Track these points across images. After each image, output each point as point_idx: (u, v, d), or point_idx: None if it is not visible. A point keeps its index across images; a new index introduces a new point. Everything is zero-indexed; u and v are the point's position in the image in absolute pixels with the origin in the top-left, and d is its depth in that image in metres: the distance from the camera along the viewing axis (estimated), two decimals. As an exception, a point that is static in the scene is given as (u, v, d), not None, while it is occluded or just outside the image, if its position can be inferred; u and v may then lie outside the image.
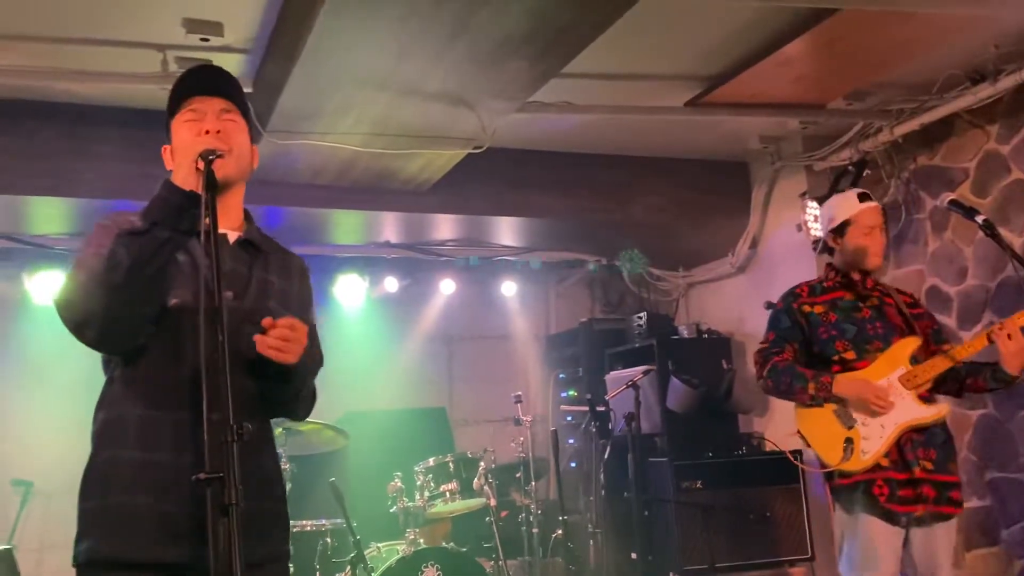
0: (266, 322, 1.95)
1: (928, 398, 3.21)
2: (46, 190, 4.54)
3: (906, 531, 3.12)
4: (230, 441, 1.67)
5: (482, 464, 5.11)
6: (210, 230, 1.82)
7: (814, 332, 3.31)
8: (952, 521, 3.17)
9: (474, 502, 5.11)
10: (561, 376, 6.88)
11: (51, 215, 5.03)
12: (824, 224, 3.48)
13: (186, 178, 1.92)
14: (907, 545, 3.14)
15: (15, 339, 5.73)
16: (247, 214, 2.22)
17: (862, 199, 3.39)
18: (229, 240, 2.11)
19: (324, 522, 4.82)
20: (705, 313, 6.44)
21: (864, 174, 4.93)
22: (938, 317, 3.58)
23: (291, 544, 2.18)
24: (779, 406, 5.41)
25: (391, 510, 5.14)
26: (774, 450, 5.35)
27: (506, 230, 6.10)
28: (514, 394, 5.46)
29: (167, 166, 2.11)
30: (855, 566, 3.13)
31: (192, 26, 3.63)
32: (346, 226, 5.80)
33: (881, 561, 3.07)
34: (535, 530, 5.41)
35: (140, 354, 1.99)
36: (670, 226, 5.97)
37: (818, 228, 5.09)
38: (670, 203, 5.76)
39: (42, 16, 3.58)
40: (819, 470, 3.27)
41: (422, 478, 5.10)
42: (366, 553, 4.71)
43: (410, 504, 5.08)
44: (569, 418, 6.56)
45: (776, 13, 3.82)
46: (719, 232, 5.98)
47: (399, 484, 5.13)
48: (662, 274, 6.80)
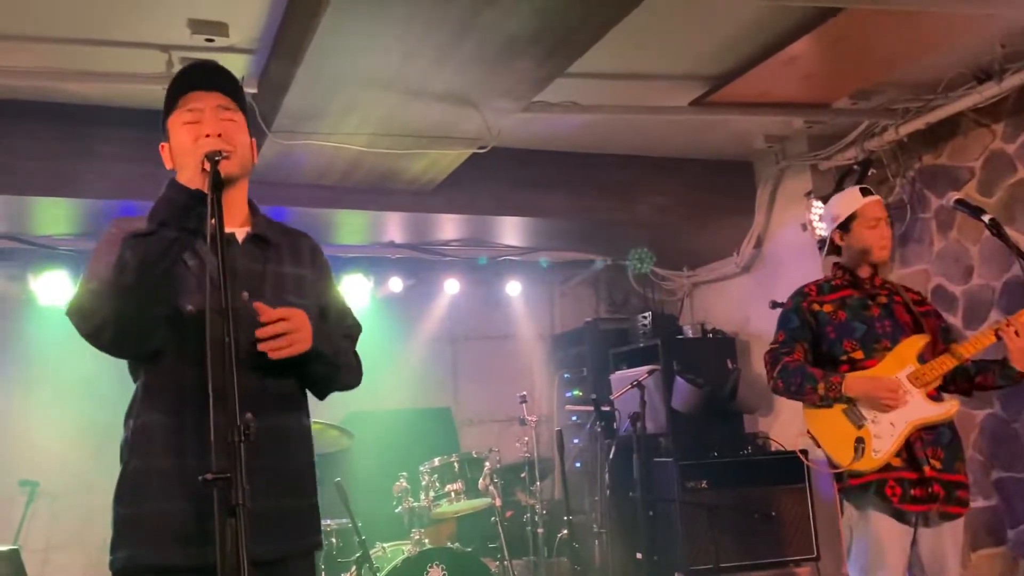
0: (263, 316, 1.94)
1: (937, 396, 3.20)
2: (51, 190, 4.54)
3: (914, 531, 3.12)
4: (237, 441, 1.67)
5: (487, 464, 5.11)
6: (216, 232, 1.82)
7: (822, 331, 3.30)
8: (959, 520, 3.16)
9: (479, 502, 5.11)
10: (566, 376, 6.88)
11: (56, 215, 5.03)
12: (829, 223, 3.47)
13: (192, 178, 1.92)
14: (914, 545, 3.13)
15: (21, 339, 5.75)
16: (253, 206, 2.21)
17: (864, 193, 3.39)
18: (238, 239, 2.11)
19: (329, 522, 4.83)
20: (710, 313, 6.43)
21: (869, 173, 4.92)
22: (944, 316, 3.57)
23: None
24: (784, 406, 5.40)
25: (396, 510, 5.14)
26: (779, 450, 5.35)
27: (511, 230, 6.09)
28: (519, 394, 5.46)
29: (166, 164, 2.11)
30: (864, 566, 3.12)
31: (197, 27, 3.64)
32: (350, 226, 5.80)
33: (890, 561, 3.07)
34: (540, 530, 5.40)
35: (161, 361, 2.00)
36: (675, 226, 5.96)
37: (823, 227, 5.08)
38: (675, 203, 5.76)
39: (47, 17, 3.59)
40: (830, 471, 3.26)
41: (427, 478, 5.10)
42: (371, 553, 4.71)
43: (415, 504, 5.08)
44: (574, 418, 6.55)
45: (781, 12, 3.82)
46: (724, 232, 5.98)
47: (404, 484, 5.13)
48: (667, 274, 6.80)
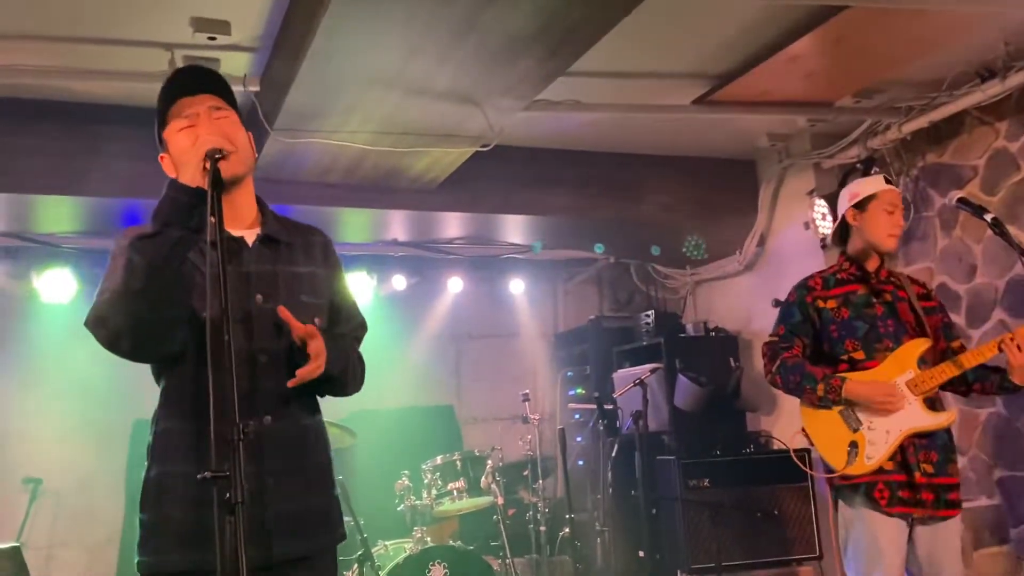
0: (298, 331, 1.99)
1: (935, 403, 3.18)
2: (54, 189, 4.55)
3: (910, 528, 3.11)
4: (237, 440, 1.68)
5: (489, 462, 5.12)
6: (216, 231, 1.82)
7: (826, 330, 3.28)
8: (955, 520, 3.15)
9: (481, 500, 5.12)
10: (569, 374, 6.88)
11: (59, 214, 5.04)
12: (844, 203, 3.38)
13: (193, 177, 1.92)
14: (912, 543, 3.12)
15: (23, 337, 5.76)
16: (262, 205, 2.21)
17: (888, 182, 3.37)
18: (248, 242, 2.11)
19: (332, 520, 4.83)
20: (713, 311, 6.43)
21: (872, 172, 4.90)
22: (948, 311, 3.53)
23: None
24: (787, 405, 5.40)
25: (398, 508, 5.15)
26: (782, 448, 5.34)
27: (514, 228, 6.09)
28: (522, 392, 5.47)
29: (168, 174, 2.10)
30: (860, 563, 3.11)
31: (200, 25, 3.64)
32: (354, 224, 5.80)
33: (885, 556, 3.05)
34: (542, 528, 5.41)
35: (179, 366, 2.02)
36: (678, 224, 5.96)
37: (826, 226, 5.07)
38: (678, 201, 5.75)
39: (50, 15, 3.59)
40: (823, 475, 3.25)
41: (429, 476, 5.11)
42: (373, 551, 4.72)
43: (417, 502, 5.09)
44: (577, 416, 6.56)
45: (785, 10, 3.81)
46: (727, 230, 5.97)
47: (406, 482, 5.14)
48: (670, 272, 6.79)
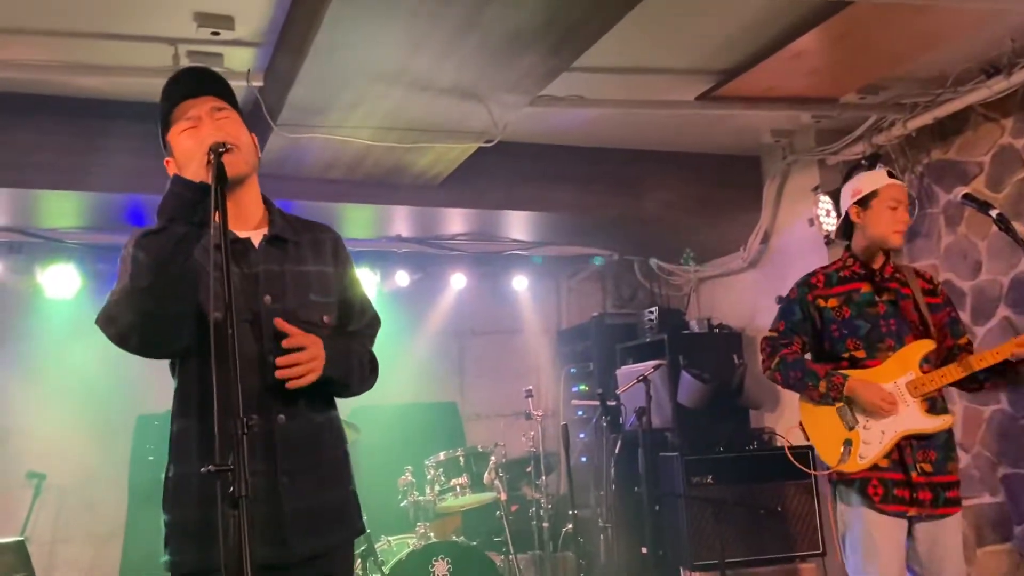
0: (289, 338, 2.00)
1: (935, 404, 3.16)
2: (57, 184, 4.55)
3: (909, 524, 3.10)
4: (240, 434, 1.68)
5: (493, 458, 5.12)
6: (221, 227, 1.82)
7: (826, 328, 3.26)
8: (956, 516, 3.14)
9: (484, 496, 5.12)
10: (572, 371, 6.88)
11: (63, 208, 5.05)
12: (847, 199, 3.35)
13: (197, 172, 1.92)
14: (912, 540, 3.11)
15: (28, 332, 5.77)
16: (268, 204, 2.22)
17: (891, 175, 3.32)
18: (254, 242, 2.11)
19: (335, 516, 4.83)
20: (716, 308, 6.42)
21: (877, 167, 4.89)
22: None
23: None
24: (790, 402, 5.38)
25: (401, 504, 5.16)
26: (784, 446, 5.34)
27: (517, 224, 6.09)
28: (525, 389, 5.47)
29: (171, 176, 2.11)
30: (856, 558, 3.11)
31: (203, 20, 3.64)
32: (357, 220, 5.80)
33: (881, 553, 3.04)
34: (545, 524, 5.41)
35: (190, 365, 2.03)
36: (682, 220, 5.95)
37: (831, 222, 5.06)
38: (682, 197, 5.74)
39: (53, 10, 3.59)
40: (817, 472, 3.25)
41: (432, 472, 5.11)
42: (376, 546, 4.72)
43: (421, 498, 5.10)
44: (580, 413, 6.56)
45: (789, 6, 3.80)
46: (731, 227, 5.96)
47: (410, 478, 5.15)
48: (673, 269, 6.79)
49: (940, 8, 3.74)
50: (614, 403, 5.40)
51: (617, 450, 5.32)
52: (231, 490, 1.66)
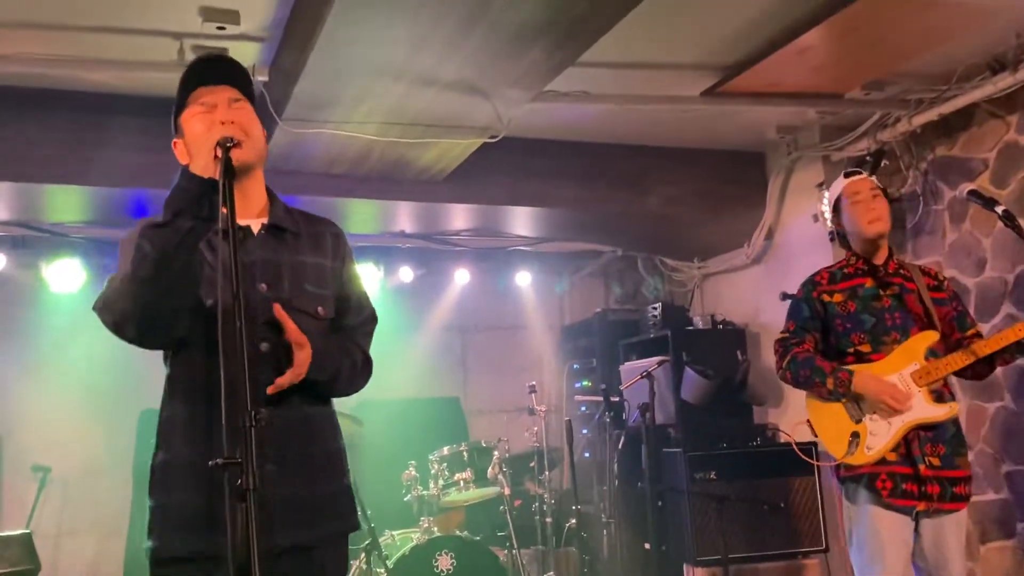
0: (289, 332, 2.01)
1: (941, 395, 3.17)
2: (63, 178, 4.56)
3: (916, 521, 3.11)
4: (248, 427, 1.68)
5: (496, 453, 5.12)
6: (229, 220, 1.82)
7: (831, 323, 3.28)
8: (961, 513, 3.14)
9: (488, 491, 5.13)
10: (575, 366, 6.89)
11: (68, 203, 5.05)
12: (828, 214, 3.45)
13: (205, 166, 1.92)
14: (918, 536, 3.12)
15: (33, 326, 5.79)
16: (271, 196, 2.22)
17: (848, 175, 3.39)
18: (253, 230, 2.12)
19: (339, 510, 4.84)
20: (720, 304, 6.42)
21: (882, 164, 4.89)
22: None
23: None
24: (794, 398, 5.39)
25: (405, 498, 5.17)
26: (788, 441, 5.34)
27: (521, 220, 6.09)
28: (528, 384, 5.47)
29: (181, 161, 2.11)
30: (863, 556, 3.12)
31: (208, 14, 3.64)
32: (361, 215, 5.80)
33: (887, 550, 3.05)
34: (548, 519, 5.42)
35: (184, 353, 2.03)
36: (686, 217, 5.94)
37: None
38: (686, 193, 5.74)
39: (58, 5, 3.59)
40: (825, 464, 3.25)
41: (436, 467, 5.12)
42: (380, 541, 4.73)
43: (424, 493, 5.11)
44: (583, 408, 6.57)
45: (794, 1, 3.79)
46: (735, 223, 5.96)
47: (413, 472, 5.16)
48: (677, 265, 6.78)
49: (946, 4, 3.73)
50: (617, 399, 5.40)
51: (620, 446, 5.32)
52: (239, 482, 1.66)
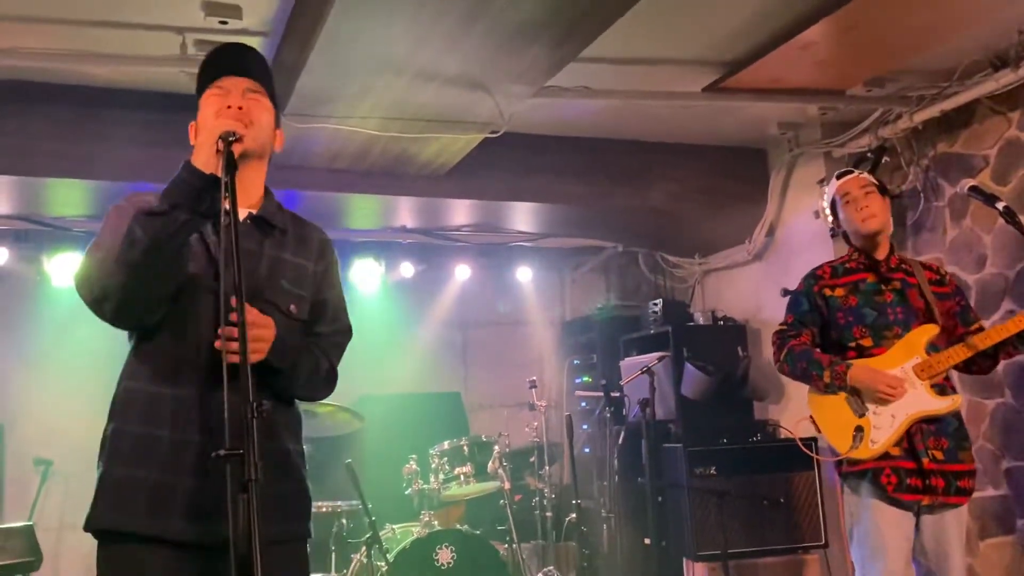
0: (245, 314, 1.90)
1: (944, 389, 3.18)
2: (65, 172, 4.57)
3: (917, 517, 3.11)
4: (250, 418, 1.68)
5: (496, 448, 5.13)
6: (230, 212, 1.83)
7: (832, 317, 3.29)
8: (962, 508, 3.15)
9: (488, 485, 5.14)
10: (576, 362, 6.89)
11: (70, 197, 5.06)
12: (829, 218, 3.51)
13: (207, 160, 1.92)
14: (918, 531, 3.13)
15: (35, 320, 5.80)
16: (268, 192, 2.23)
17: (840, 176, 3.42)
18: (240, 218, 2.11)
19: (340, 503, 4.87)
20: (721, 300, 6.42)
21: (883, 161, 4.89)
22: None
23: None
24: (794, 393, 5.40)
25: (406, 492, 5.18)
26: (789, 437, 5.35)
27: (522, 216, 6.09)
28: (529, 379, 5.48)
29: (192, 142, 2.11)
30: (864, 551, 3.13)
31: (211, 9, 3.64)
32: (362, 210, 5.81)
33: (889, 546, 3.06)
34: (549, 514, 5.43)
35: (154, 329, 2.03)
36: (687, 212, 5.95)
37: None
38: (687, 189, 5.74)
39: (62, -2, 3.60)
40: (829, 459, 3.27)
41: (437, 461, 5.13)
42: (381, 534, 4.74)
43: (425, 487, 5.12)
44: (583, 404, 6.58)
45: (796, -3, 3.80)
46: (736, 219, 5.96)
47: (414, 467, 5.17)
48: (678, 261, 6.78)
49: (948, 1, 3.73)
50: (618, 394, 5.41)
51: (620, 441, 5.33)
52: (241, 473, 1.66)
